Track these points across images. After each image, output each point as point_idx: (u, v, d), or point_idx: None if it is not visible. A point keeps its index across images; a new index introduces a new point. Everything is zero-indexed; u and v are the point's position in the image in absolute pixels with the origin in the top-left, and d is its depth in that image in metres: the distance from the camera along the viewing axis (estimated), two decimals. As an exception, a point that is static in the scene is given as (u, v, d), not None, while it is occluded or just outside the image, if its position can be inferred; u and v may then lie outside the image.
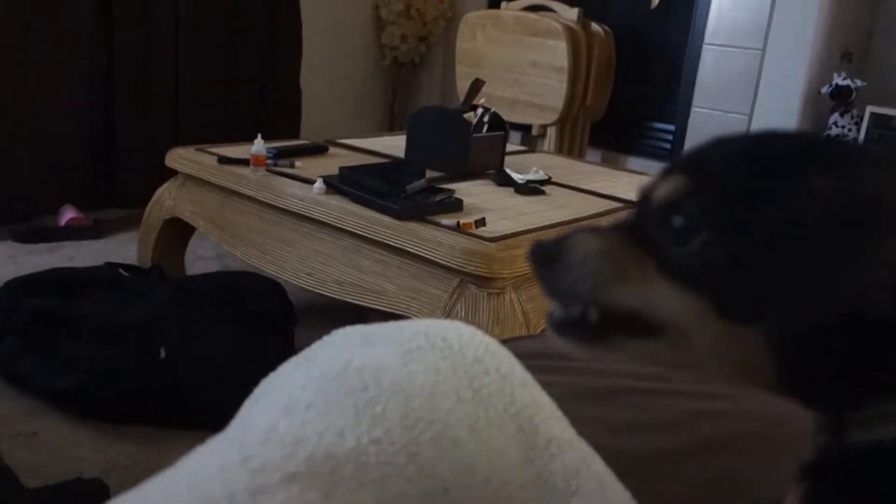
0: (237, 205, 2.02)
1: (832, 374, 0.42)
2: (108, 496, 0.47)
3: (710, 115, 3.05)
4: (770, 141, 0.46)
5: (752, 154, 0.46)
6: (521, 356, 0.92)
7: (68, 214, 2.75)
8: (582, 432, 0.62)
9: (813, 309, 0.40)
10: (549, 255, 0.48)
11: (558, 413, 0.60)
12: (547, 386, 0.68)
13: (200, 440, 0.53)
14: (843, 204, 0.40)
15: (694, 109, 3.11)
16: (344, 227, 1.76)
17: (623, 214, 0.51)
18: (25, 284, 1.86)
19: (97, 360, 1.67)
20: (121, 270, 2.02)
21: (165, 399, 1.66)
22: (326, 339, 0.65)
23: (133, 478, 0.50)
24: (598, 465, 0.58)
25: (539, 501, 0.53)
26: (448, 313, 1.61)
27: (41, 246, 2.62)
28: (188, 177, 2.13)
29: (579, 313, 0.48)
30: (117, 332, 1.71)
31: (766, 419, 0.80)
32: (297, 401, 0.53)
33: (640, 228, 0.47)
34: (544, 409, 0.59)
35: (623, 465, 0.66)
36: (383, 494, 0.47)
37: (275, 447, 0.48)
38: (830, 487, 0.43)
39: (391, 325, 0.63)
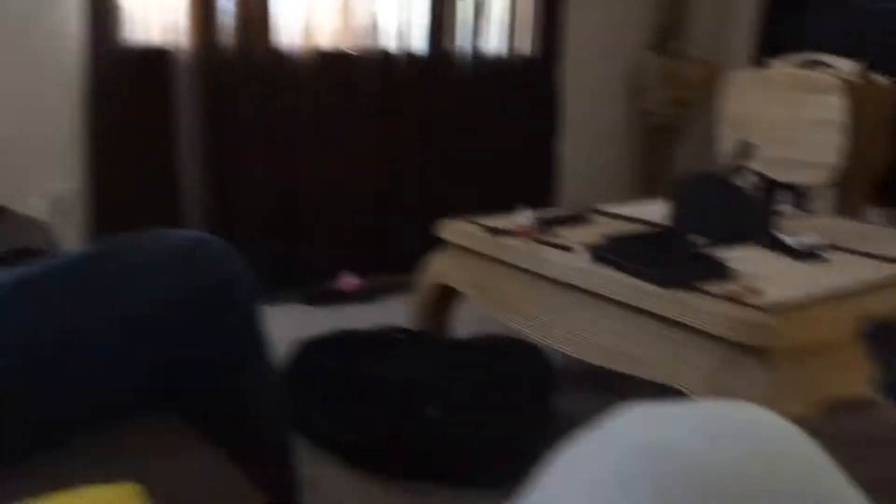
0: (505, 273, 2.10)
1: None
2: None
3: None
4: None
5: None
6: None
7: (348, 280, 3.02)
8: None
9: None
10: (887, 333, 0.47)
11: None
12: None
13: (461, 494, 0.56)
14: None
15: None
16: (609, 296, 1.77)
17: None
18: (319, 345, 2.07)
19: (373, 416, 1.80)
20: (398, 333, 2.18)
21: (432, 457, 1.75)
22: (620, 414, 0.65)
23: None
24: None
25: None
26: (715, 385, 1.55)
27: (324, 308, 2.89)
28: (457, 246, 2.26)
29: None
30: (390, 389, 1.83)
31: None
32: (593, 476, 0.55)
33: None
34: (851, 500, 0.55)
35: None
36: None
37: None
38: None
39: (683, 406, 0.62)
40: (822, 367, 1.56)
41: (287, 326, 2.60)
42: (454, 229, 2.25)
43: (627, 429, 0.60)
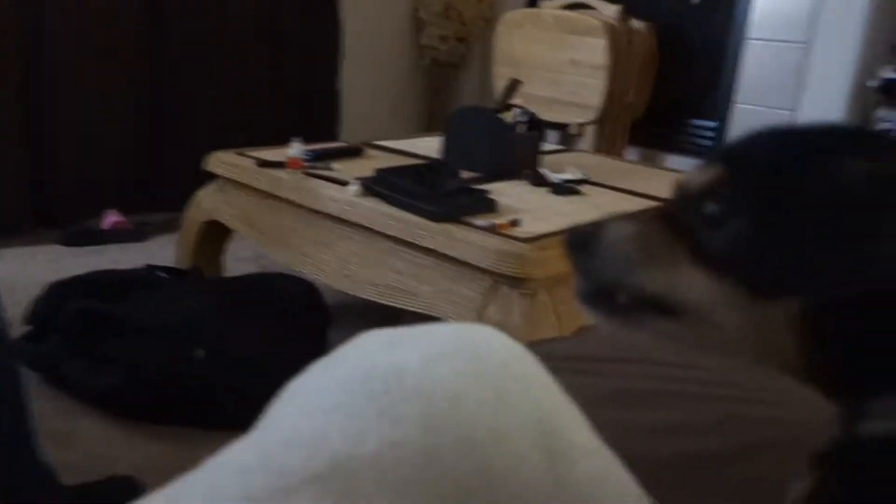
0: (275, 207, 2.04)
1: (855, 357, 0.44)
2: (141, 494, 0.48)
3: (753, 112, 3.00)
4: (803, 130, 0.49)
5: (785, 141, 0.48)
6: (551, 359, 0.91)
7: (111, 218, 2.80)
8: (609, 437, 0.61)
9: (840, 284, 0.42)
10: (583, 239, 0.51)
11: (582, 419, 0.59)
12: (575, 389, 0.67)
13: (234, 438, 0.54)
14: (870, 183, 0.42)
15: (736, 106, 3.05)
16: (379, 229, 1.77)
17: (660, 204, 0.52)
18: (69, 286, 1.91)
19: (135, 360, 1.70)
20: (160, 272, 2.06)
21: (201, 399, 1.68)
22: (353, 342, 0.65)
23: (167, 477, 0.51)
24: (621, 472, 0.57)
25: (561, 508, 0.53)
26: (481, 315, 1.60)
27: (85, 249, 2.68)
28: (227, 180, 2.16)
29: (609, 290, 0.50)
30: (155, 332, 1.73)
31: (809, 425, 0.78)
32: (321, 403, 0.53)
33: (676, 217, 0.49)
34: (568, 415, 0.58)
35: (650, 471, 0.64)
36: (401, 497, 0.47)
37: (295, 449, 0.48)
38: (840, 477, 0.43)
39: (417, 329, 0.62)
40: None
41: (41, 269, 2.39)
42: (223, 162, 2.15)
43: (357, 355, 0.59)
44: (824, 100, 2.80)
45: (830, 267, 0.42)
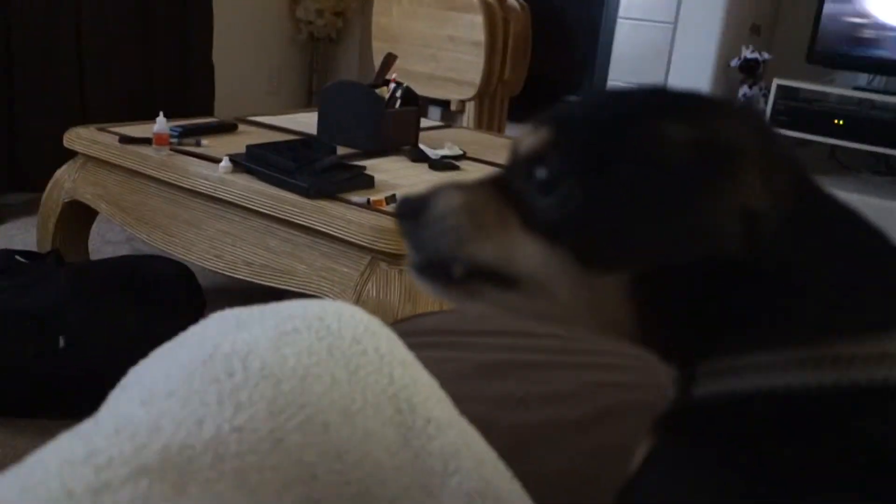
0: (141, 186, 1.94)
1: (685, 323, 0.44)
2: None
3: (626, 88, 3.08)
4: (628, 94, 0.47)
5: (609, 105, 0.47)
6: (422, 333, 0.91)
7: (-36, 199, 2.61)
8: (470, 410, 0.61)
9: (667, 254, 0.41)
10: (413, 209, 0.48)
11: (440, 393, 0.59)
12: (439, 363, 0.67)
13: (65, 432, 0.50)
14: (695, 149, 0.41)
15: (610, 83, 3.14)
16: (252, 207, 1.71)
17: (494, 170, 0.50)
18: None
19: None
20: (17, 257, 1.93)
21: (67, 390, 1.60)
22: (201, 322, 0.62)
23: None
24: (478, 444, 0.57)
25: (415, 483, 0.52)
26: (360, 292, 1.59)
27: (-66, 233, 2.48)
28: (89, 158, 2.04)
29: (443, 261, 0.48)
30: (13, 321, 1.63)
31: (665, 388, 0.81)
32: (159, 389, 0.51)
33: (508, 183, 0.47)
34: (425, 389, 0.57)
35: (512, 442, 0.65)
36: (243, 484, 0.45)
37: (125, 439, 0.45)
38: (672, 440, 0.44)
39: (268, 307, 0.60)
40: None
41: None
42: (83, 138, 2.02)
43: (201, 337, 0.56)
44: (690, 78, 2.91)
45: (652, 237, 0.41)
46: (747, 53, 2.87)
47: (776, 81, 2.84)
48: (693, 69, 2.93)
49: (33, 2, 2.77)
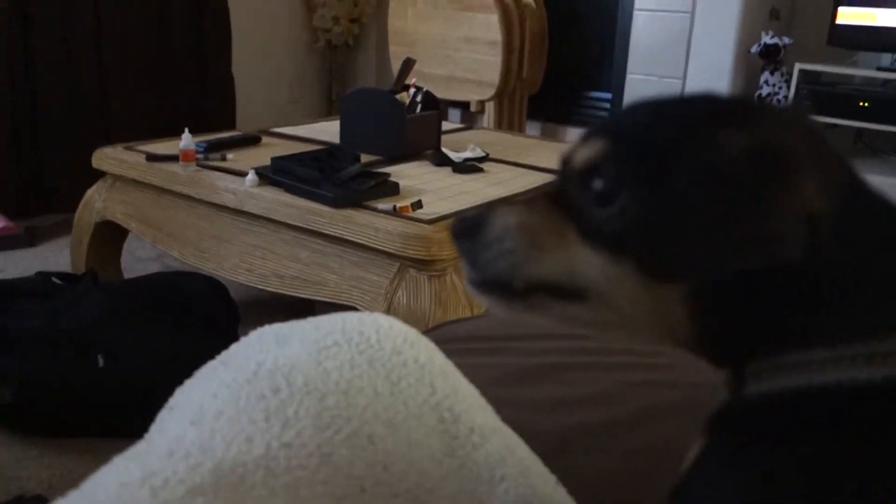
0: (169, 203, 1.97)
1: (740, 325, 0.44)
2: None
3: (646, 81, 3.07)
4: (683, 101, 0.48)
5: (664, 114, 0.47)
6: (458, 340, 0.91)
7: (-3, 223, 2.66)
8: (510, 416, 0.61)
9: (731, 261, 0.41)
10: (469, 228, 0.48)
11: (482, 401, 0.59)
12: (476, 369, 0.67)
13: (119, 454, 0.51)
14: (753, 156, 0.41)
15: (629, 76, 3.12)
16: (279, 219, 1.73)
17: (548, 182, 0.51)
18: (-49, 300, 1.80)
19: (33, 373, 1.62)
20: (54, 279, 1.96)
21: (107, 409, 1.62)
22: (242, 340, 0.63)
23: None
24: (522, 450, 0.57)
25: (463, 492, 0.52)
26: (390, 300, 1.59)
27: (-30, 258, 2.53)
28: (118, 177, 2.07)
29: (502, 277, 0.48)
30: (52, 342, 1.66)
31: (701, 386, 0.81)
32: (208, 409, 0.52)
33: (563, 195, 0.48)
34: (466, 397, 0.58)
35: (553, 445, 0.65)
36: (294, 499, 0.46)
37: (179, 460, 0.46)
38: (729, 438, 0.44)
39: (307, 322, 0.61)
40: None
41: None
42: (110, 158, 2.05)
43: (244, 355, 0.57)
44: (710, 67, 2.89)
45: (715, 246, 0.41)
46: (767, 39, 2.85)
47: (798, 66, 2.81)
48: (712, 58, 2.90)
49: (54, 25, 2.81)
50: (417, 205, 1.67)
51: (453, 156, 2.09)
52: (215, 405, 0.52)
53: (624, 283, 0.44)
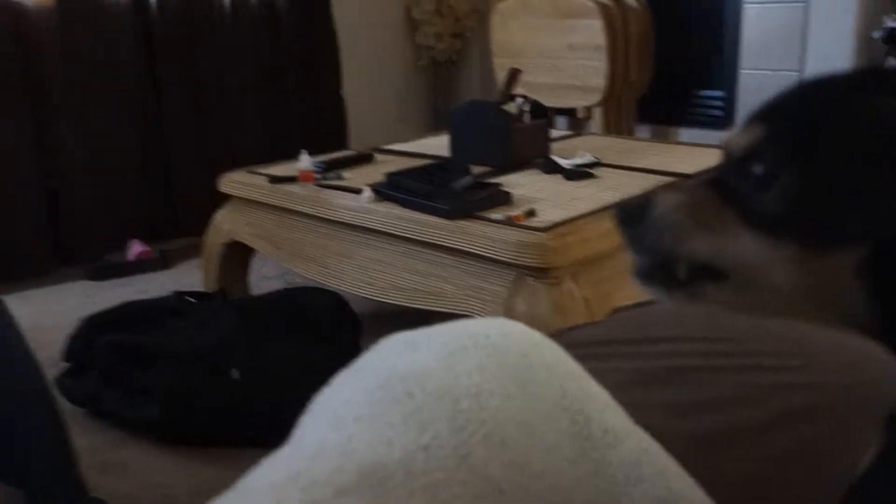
0: (292, 222, 2.05)
1: None
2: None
3: (760, 76, 2.96)
4: (831, 77, 0.48)
5: (815, 90, 0.48)
6: (578, 345, 0.91)
7: (136, 249, 2.84)
8: (640, 420, 0.61)
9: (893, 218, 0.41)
10: (633, 213, 0.50)
11: (613, 402, 0.59)
12: (600, 374, 0.67)
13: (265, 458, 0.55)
14: None
15: (742, 72, 3.03)
16: (396, 233, 1.77)
17: (707, 171, 0.51)
18: (100, 320, 1.93)
19: (173, 387, 1.72)
20: (188, 298, 2.08)
21: (242, 419, 1.70)
22: (373, 348, 0.65)
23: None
24: (657, 452, 0.56)
25: (600, 494, 0.53)
26: (509, 308, 1.60)
27: (112, 282, 2.71)
28: (242, 199, 2.18)
29: (663, 263, 0.49)
30: (189, 358, 1.75)
31: (838, 388, 0.77)
32: (345, 414, 0.54)
33: (723, 181, 0.48)
34: (597, 399, 0.58)
35: (688, 448, 0.64)
36: (434, 499, 0.47)
37: (323, 462, 0.48)
38: None
39: (434, 329, 0.63)
40: (601, 278, 1.67)
41: (71, 307, 2.42)
42: (235, 182, 2.16)
43: (377, 362, 0.59)
44: (829, 57, 2.76)
45: (881, 209, 0.41)
46: (891, 22, 2.70)
47: (927, 48, 2.65)
48: (831, 47, 2.77)
49: (175, 64, 2.99)
50: (530, 213, 1.68)
51: (563, 162, 2.08)
52: (351, 410, 0.54)
53: (789, 263, 0.44)
